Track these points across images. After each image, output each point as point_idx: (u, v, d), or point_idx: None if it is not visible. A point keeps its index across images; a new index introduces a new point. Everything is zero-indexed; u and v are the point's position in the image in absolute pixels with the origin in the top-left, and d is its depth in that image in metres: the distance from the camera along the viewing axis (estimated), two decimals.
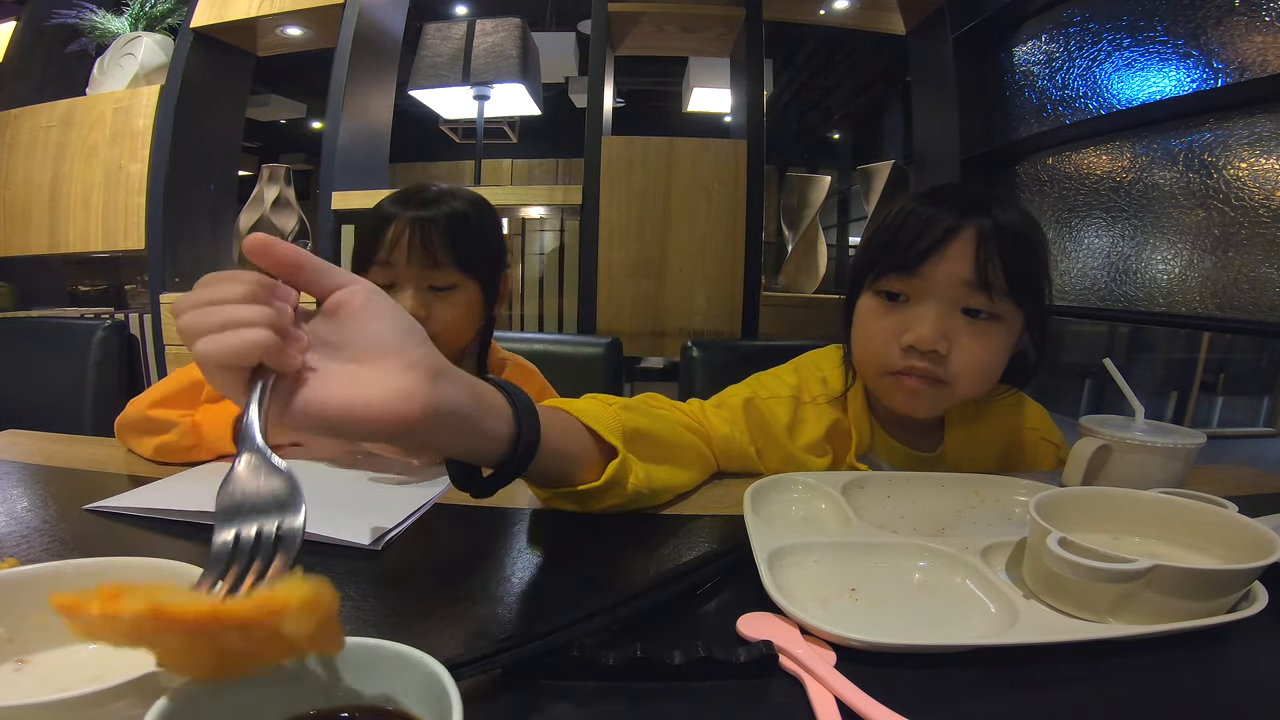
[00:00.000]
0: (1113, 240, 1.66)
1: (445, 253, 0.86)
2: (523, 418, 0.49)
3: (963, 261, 0.68)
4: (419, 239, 0.85)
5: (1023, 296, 0.70)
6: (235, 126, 2.47)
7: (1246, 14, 1.30)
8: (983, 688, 0.38)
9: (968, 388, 0.71)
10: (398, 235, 0.85)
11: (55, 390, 1.27)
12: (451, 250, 0.86)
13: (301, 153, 6.73)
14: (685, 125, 3.50)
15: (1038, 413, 0.86)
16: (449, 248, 0.86)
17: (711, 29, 2.21)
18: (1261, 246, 1.30)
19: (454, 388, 0.43)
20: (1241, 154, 1.34)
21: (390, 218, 0.85)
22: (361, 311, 0.40)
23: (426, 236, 0.85)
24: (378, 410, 0.38)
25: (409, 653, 0.28)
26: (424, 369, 0.40)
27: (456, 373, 0.44)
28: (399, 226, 0.85)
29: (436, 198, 0.89)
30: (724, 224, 2.00)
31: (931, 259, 0.69)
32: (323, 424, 0.38)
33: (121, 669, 0.29)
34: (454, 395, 0.42)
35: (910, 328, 0.70)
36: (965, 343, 0.69)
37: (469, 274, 0.88)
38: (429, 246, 0.85)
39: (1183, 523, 0.51)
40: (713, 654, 0.37)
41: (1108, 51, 1.64)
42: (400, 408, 0.38)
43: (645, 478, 0.61)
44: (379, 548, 0.54)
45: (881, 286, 0.73)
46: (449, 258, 0.86)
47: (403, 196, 0.89)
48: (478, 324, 0.93)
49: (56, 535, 0.55)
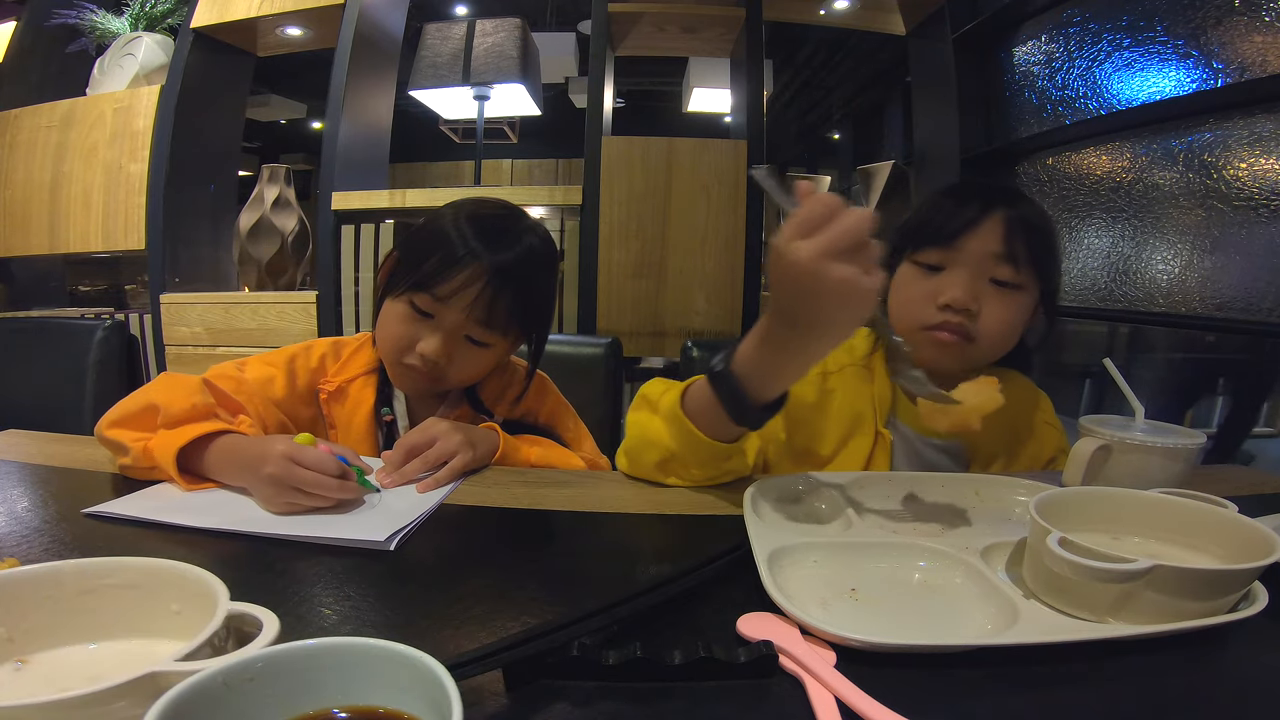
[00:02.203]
0: (1113, 240, 1.66)
1: (504, 316, 0.80)
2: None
3: (993, 236, 0.77)
4: (488, 296, 0.78)
5: (1042, 270, 0.80)
6: (235, 126, 2.47)
7: (1246, 14, 1.30)
8: (983, 688, 0.38)
9: (990, 345, 0.80)
10: (469, 281, 0.78)
11: (55, 390, 1.27)
12: (510, 314, 0.81)
13: (301, 153, 6.73)
14: (685, 125, 3.49)
15: (1047, 404, 0.92)
16: (510, 311, 0.81)
17: (711, 29, 2.21)
18: (1261, 247, 1.30)
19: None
20: (1241, 154, 1.34)
21: (469, 255, 0.78)
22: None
23: (496, 296, 0.79)
24: None
25: (409, 653, 0.28)
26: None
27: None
28: (475, 272, 0.78)
29: (516, 235, 0.82)
30: (724, 224, 2.00)
31: (966, 234, 0.78)
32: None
33: (121, 669, 0.29)
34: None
35: (945, 290, 0.78)
36: (992, 306, 0.78)
37: (513, 335, 0.85)
38: (494, 308, 0.79)
39: (1183, 523, 0.51)
40: (713, 654, 0.37)
41: (1108, 51, 1.64)
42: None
43: (752, 455, 0.72)
44: (392, 547, 0.54)
45: (920, 259, 0.82)
46: (503, 321, 0.81)
47: (483, 228, 0.81)
48: (491, 370, 0.90)
49: (56, 536, 0.55)
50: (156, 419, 0.69)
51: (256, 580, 0.49)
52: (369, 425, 0.88)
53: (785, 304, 0.54)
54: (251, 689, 0.28)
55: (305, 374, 0.88)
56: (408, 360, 0.81)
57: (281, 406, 0.84)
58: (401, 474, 0.70)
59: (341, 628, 0.43)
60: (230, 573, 0.37)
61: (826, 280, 0.49)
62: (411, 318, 0.81)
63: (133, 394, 0.74)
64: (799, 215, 0.49)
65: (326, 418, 0.88)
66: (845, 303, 0.51)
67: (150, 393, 0.72)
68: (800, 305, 0.52)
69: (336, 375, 0.89)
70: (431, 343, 0.80)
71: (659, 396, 0.70)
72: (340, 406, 0.88)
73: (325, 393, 0.87)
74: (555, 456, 0.86)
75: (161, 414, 0.69)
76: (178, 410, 0.69)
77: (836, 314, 0.52)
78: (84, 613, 0.37)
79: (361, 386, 0.89)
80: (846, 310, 0.51)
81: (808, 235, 0.49)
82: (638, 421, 0.72)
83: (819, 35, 5.07)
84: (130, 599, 0.37)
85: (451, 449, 0.72)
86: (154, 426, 0.69)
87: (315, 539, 0.55)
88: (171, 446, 0.65)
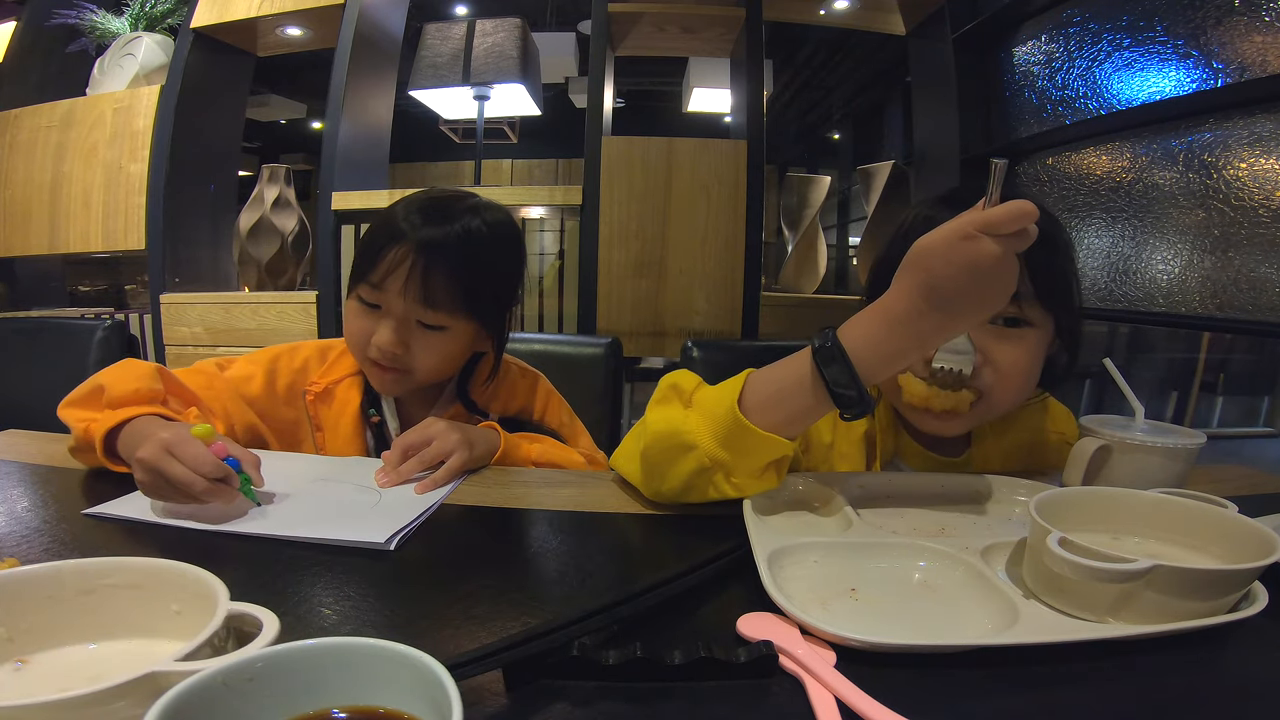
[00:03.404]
0: (1113, 240, 1.66)
1: (443, 294, 0.78)
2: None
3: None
4: (418, 273, 0.76)
5: (1051, 299, 0.69)
6: (235, 126, 2.47)
7: (1246, 14, 1.30)
8: (983, 688, 0.38)
9: (1004, 397, 0.70)
10: (397, 261, 0.76)
11: (55, 390, 1.26)
12: (450, 292, 0.78)
13: (301, 153, 6.74)
14: (685, 125, 3.49)
15: (1062, 414, 0.85)
16: (448, 289, 0.78)
17: (711, 29, 2.21)
18: (1261, 246, 1.30)
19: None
20: (1241, 154, 1.34)
21: (397, 236, 0.77)
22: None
23: (427, 273, 0.76)
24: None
25: (409, 653, 0.28)
26: None
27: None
28: (402, 251, 0.77)
29: (453, 215, 0.80)
30: (724, 224, 2.00)
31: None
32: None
33: (121, 669, 0.29)
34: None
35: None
36: (998, 353, 0.69)
37: (465, 316, 0.81)
38: (427, 285, 0.77)
39: (1183, 523, 0.51)
40: (713, 654, 0.37)
41: (1108, 51, 1.64)
42: None
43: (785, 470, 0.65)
44: (391, 547, 0.55)
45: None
46: (445, 300, 0.78)
47: (419, 207, 0.80)
48: (463, 360, 0.88)
49: (56, 536, 0.55)
50: (100, 400, 0.69)
51: (256, 580, 0.49)
52: (356, 427, 0.87)
53: (947, 292, 0.53)
54: (251, 689, 0.28)
55: (287, 375, 0.87)
56: (370, 355, 0.80)
57: (255, 406, 0.84)
58: (398, 473, 0.70)
59: (341, 628, 0.43)
60: (230, 573, 0.37)
61: (1003, 273, 0.52)
62: (364, 312, 0.81)
63: (91, 376, 0.73)
64: (1002, 213, 0.50)
65: (313, 419, 0.88)
66: (1001, 293, 0.53)
67: (102, 375, 0.72)
68: (965, 294, 0.53)
69: (323, 377, 0.89)
70: (383, 333, 0.78)
71: (693, 390, 0.63)
72: (327, 408, 0.88)
73: (312, 394, 0.87)
74: (555, 453, 0.86)
75: (106, 395, 0.68)
76: (121, 392, 0.68)
77: (990, 302, 0.54)
78: (84, 613, 0.37)
79: (348, 388, 0.88)
80: (998, 299, 0.54)
81: (999, 233, 0.50)
82: (668, 418, 0.61)
83: (819, 35, 5.07)
84: (130, 599, 0.37)
85: (449, 448, 0.72)
86: (100, 407, 0.69)
87: (315, 539, 0.55)
88: (102, 427, 0.65)
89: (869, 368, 0.56)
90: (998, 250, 0.50)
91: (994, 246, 0.50)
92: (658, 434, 0.62)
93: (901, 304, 0.55)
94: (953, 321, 0.55)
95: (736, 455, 0.59)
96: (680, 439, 0.60)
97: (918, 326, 0.55)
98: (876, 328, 0.56)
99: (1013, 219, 0.50)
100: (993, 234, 0.50)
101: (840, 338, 0.56)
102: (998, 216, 0.50)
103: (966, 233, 0.51)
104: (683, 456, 0.60)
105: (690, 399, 0.62)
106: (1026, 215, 0.50)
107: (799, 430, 0.61)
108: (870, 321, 0.56)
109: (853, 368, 0.55)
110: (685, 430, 0.60)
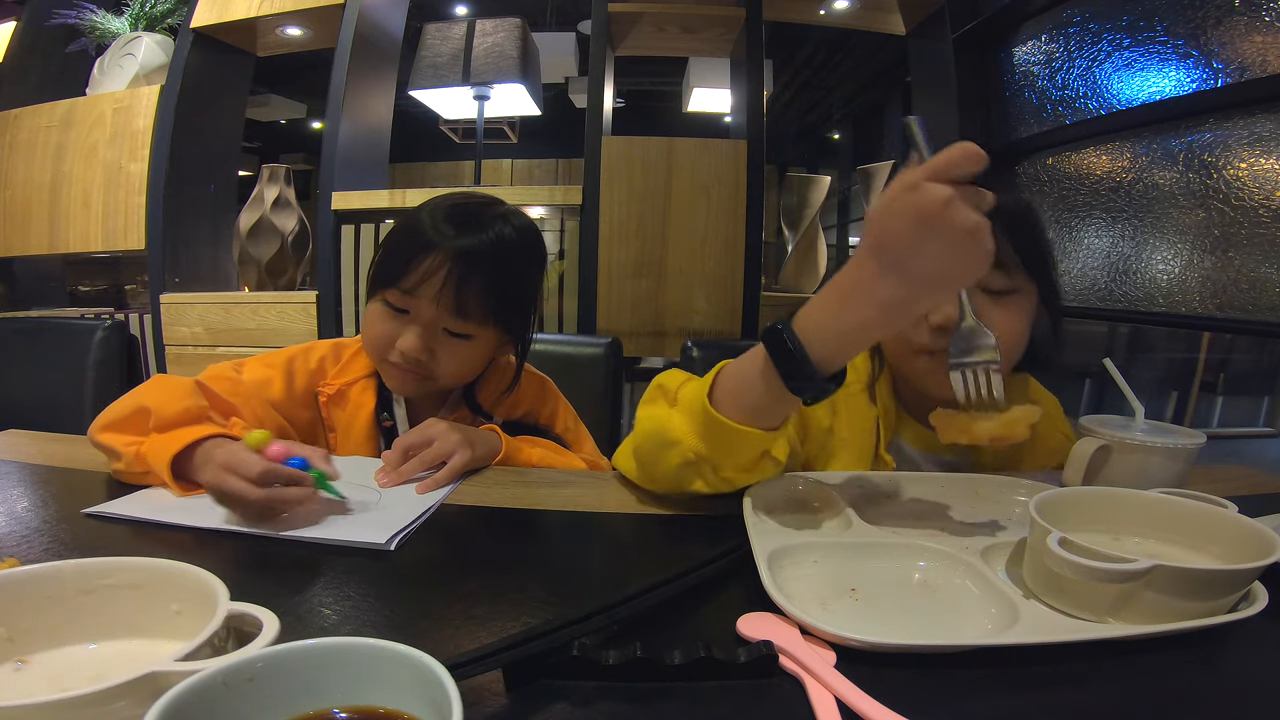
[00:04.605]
0: (1113, 240, 1.66)
1: (475, 305, 0.78)
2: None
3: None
4: (453, 282, 0.77)
5: (1034, 268, 0.74)
6: (235, 126, 2.47)
7: (1246, 14, 1.30)
8: (983, 688, 0.38)
9: (1004, 366, 0.72)
10: (432, 270, 0.77)
11: (55, 390, 1.27)
12: (482, 303, 0.78)
13: (301, 153, 6.74)
14: (685, 125, 3.49)
15: (1052, 404, 0.88)
16: (480, 300, 0.78)
17: (711, 29, 2.21)
18: (1261, 246, 1.30)
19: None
20: (1241, 154, 1.34)
21: (428, 244, 0.77)
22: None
23: (462, 283, 0.77)
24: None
25: (409, 653, 0.28)
26: None
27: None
28: (437, 260, 0.77)
29: (485, 223, 0.80)
30: (724, 224, 2.00)
31: None
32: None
33: (121, 669, 0.29)
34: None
35: (938, 308, 0.70)
36: (993, 318, 0.70)
37: (492, 326, 0.82)
38: (461, 295, 0.77)
39: (1183, 523, 0.51)
40: (713, 654, 0.37)
41: (1108, 51, 1.64)
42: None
43: (785, 453, 0.64)
44: (392, 548, 0.54)
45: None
46: (477, 310, 0.79)
47: (447, 215, 0.80)
48: (483, 367, 0.88)
49: (56, 536, 0.55)
50: (148, 422, 0.67)
51: (256, 580, 0.49)
52: (369, 430, 0.87)
53: (897, 249, 0.50)
54: (251, 689, 0.28)
55: (304, 376, 0.87)
56: (391, 359, 0.80)
57: (279, 408, 0.83)
58: (399, 474, 0.70)
59: (341, 628, 0.43)
60: (230, 573, 0.37)
61: (956, 223, 0.47)
62: (389, 316, 0.80)
63: (124, 397, 0.72)
64: (942, 157, 0.47)
65: (326, 421, 0.87)
66: (967, 252, 0.48)
67: (142, 395, 0.70)
68: (917, 251, 0.49)
69: (336, 378, 0.88)
70: (409, 339, 0.78)
71: (677, 388, 0.64)
72: (340, 410, 0.87)
73: (325, 396, 0.87)
74: (556, 458, 0.86)
75: (154, 417, 0.67)
76: (170, 413, 0.68)
77: (955, 263, 0.49)
78: (84, 613, 0.37)
79: (362, 390, 0.88)
80: (965, 261, 0.49)
81: (944, 178, 0.47)
82: (653, 417, 0.64)
83: (819, 35, 5.08)
84: (130, 599, 0.37)
85: (449, 449, 0.72)
86: (146, 430, 0.67)
87: (315, 539, 0.55)
88: (166, 452, 0.64)
89: (827, 346, 0.53)
90: (944, 193, 0.47)
91: (940, 190, 0.47)
92: (645, 433, 0.65)
93: (853, 273, 0.52)
94: (913, 288, 0.50)
95: (717, 450, 0.59)
96: (664, 436, 0.61)
97: (874, 294, 0.51)
98: (830, 303, 0.54)
99: (956, 161, 0.47)
100: (939, 180, 0.48)
101: (794, 320, 0.54)
102: (940, 160, 0.47)
103: (909, 182, 0.48)
104: (668, 453, 0.61)
105: (675, 397, 0.63)
106: (970, 156, 0.47)
107: (771, 422, 0.59)
108: (824, 298, 0.54)
109: (802, 348, 0.53)
110: (669, 428, 0.61)
